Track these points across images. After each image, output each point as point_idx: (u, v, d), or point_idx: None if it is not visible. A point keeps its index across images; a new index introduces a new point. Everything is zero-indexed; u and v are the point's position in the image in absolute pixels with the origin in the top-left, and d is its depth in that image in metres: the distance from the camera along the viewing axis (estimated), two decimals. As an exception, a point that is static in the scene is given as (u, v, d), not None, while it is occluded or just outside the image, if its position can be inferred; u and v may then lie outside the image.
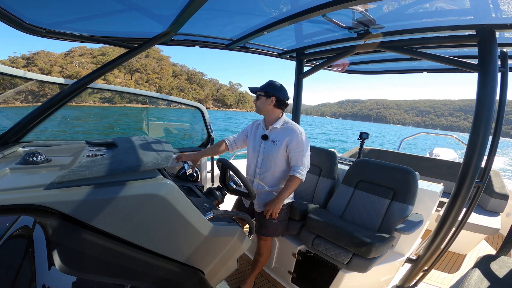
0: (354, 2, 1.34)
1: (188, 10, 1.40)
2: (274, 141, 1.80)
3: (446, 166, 3.67)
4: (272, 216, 1.80)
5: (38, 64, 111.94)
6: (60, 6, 1.42)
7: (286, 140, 1.77)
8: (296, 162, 1.77)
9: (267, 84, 1.81)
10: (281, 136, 1.79)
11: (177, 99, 2.41)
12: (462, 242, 2.80)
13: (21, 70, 1.55)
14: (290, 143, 1.76)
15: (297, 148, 1.76)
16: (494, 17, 1.49)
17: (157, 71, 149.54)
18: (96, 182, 0.86)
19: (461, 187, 1.66)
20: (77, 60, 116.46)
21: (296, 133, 1.77)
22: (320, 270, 1.99)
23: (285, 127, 1.83)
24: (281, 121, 1.84)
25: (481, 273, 1.40)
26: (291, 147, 1.76)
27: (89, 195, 0.83)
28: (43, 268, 0.68)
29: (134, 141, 1.44)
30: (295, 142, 1.75)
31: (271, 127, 1.84)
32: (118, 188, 0.87)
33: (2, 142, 1.47)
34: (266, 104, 1.79)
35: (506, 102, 1.80)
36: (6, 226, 0.70)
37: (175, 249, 1.06)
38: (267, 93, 1.78)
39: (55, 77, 1.71)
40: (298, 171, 1.75)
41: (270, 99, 1.78)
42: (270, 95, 1.78)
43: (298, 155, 1.76)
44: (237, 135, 2.07)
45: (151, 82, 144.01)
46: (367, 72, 3.51)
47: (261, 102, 1.80)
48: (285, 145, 1.78)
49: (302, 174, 1.76)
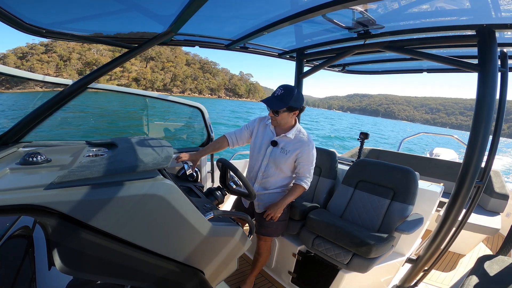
0: (354, 2, 1.34)
1: (188, 10, 1.40)
2: (284, 150, 1.75)
3: (446, 166, 3.67)
4: (272, 218, 1.81)
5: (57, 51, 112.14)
6: (60, 6, 1.42)
7: (297, 152, 1.74)
8: (304, 173, 1.77)
9: (288, 96, 1.60)
10: (292, 147, 1.74)
11: (177, 99, 2.41)
12: (462, 242, 2.80)
13: (21, 70, 1.54)
14: (300, 156, 1.74)
15: (307, 161, 1.75)
16: (494, 17, 1.49)
17: (172, 59, 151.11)
18: (96, 182, 0.86)
19: (461, 187, 1.66)
20: (94, 47, 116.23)
21: (308, 147, 1.73)
22: (320, 270, 1.99)
23: (297, 138, 1.76)
24: (295, 130, 1.76)
25: (481, 273, 1.40)
26: (301, 159, 1.75)
27: (89, 195, 0.83)
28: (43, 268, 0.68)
29: (134, 141, 1.44)
30: (306, 156, 1.74)
31: (283, 135, 1.76)
32: (118, 188, 0.87)
33: (2, 142, 1.47)
34: (288, 118, 1.69)
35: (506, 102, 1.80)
36: (6, 226, 0.70)
37: (175, 249, 1.05)
38: (291, 108, 1.63)
39: (55, 77, 1.71)
40: (304, 181, 1.77)
41: (293, 112, 1.67)
42: (294, 109, 1.65)
43: (306, 167, 1.76)
44: (240, 130, 1.95)
45: (166, 70, 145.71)
46: (367, 72, 3.51)
47: (282, 118, 1.66)
48: (294, 156, 1.75)
49: (308, 184, 1.79)
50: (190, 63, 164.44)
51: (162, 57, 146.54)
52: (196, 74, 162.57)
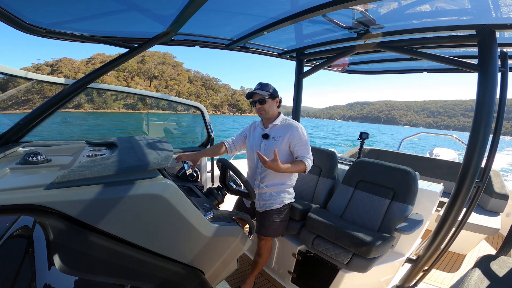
0: (354, 2, 1.34)
1: (188, 10, 1.41)
2: (276, 138, 1.81)
3: (446, 166, 3.67)
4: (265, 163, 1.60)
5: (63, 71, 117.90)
6: (60, 6, 1.42)
7: (287, 135, 1.77)
8: (302, 153, 1.76)
9: (266, 86, 1.81)
10: (282, 132, 1.81)
11: (177, 99, 2.42)
12: (462, 242, 2.81)
13: (21, 70, 1.55)
14: (292, 138, 1.77)
15: (300, 141, 1.77)
16: (494, 17, 1.49)
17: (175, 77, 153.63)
18: (96, 182, 0.86)
19: (461, 187, 1.66)
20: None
21: (296, 128, 1.79)
22: (320, 270, 1.99)
23: (285, 123, 1.86)
24: (280, 118, 1.87)
25: (481, 273, 1.40)
26: (294, 142, 1.77)
27: (89, 195, 0.83)
28: (43, 268, 0.68)
29: (134, 141, 1.44)
30: (297, 137, 1.77)
31: (271, 125, 1.86)
32: (118, 188, 0.87)
33: (2, 142, 1.47)
34: (273, 106, 1.83)
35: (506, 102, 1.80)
36: (6, 226, 0.70)
37: (175, 249, 1.05)
38: (272, 95, 1.81)
39: (54, 77, 1.71)
40: (306, 159, 1.73)
41: (275, 100, 1.83)
42: (275, 97, 1.83)
43: (303, 148, 1.77)
44: (236, 138, 2.06)
45: (170, 88, 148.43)
46: (367, 72, 3.51)
47: (269, 105, 1.81)
48: (287, 141, 1.78)
49: (309, 163, 1.74)
50: (192, 80, 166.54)
51: (165, 75, 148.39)
52: (199, 91, 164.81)
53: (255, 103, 1.81)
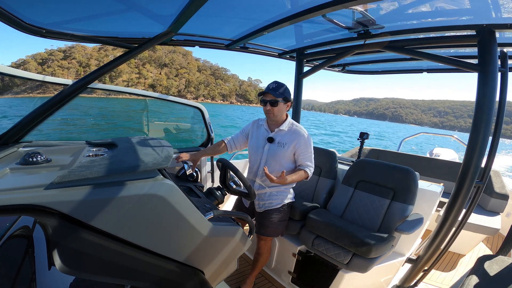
0: (354, 2, 1.34)
1: (188, 10, 1.41)
2: (281, 144, 1.77)
3: (446, 166, 3.67)
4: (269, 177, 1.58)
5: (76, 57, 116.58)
6: (60, 6, 1.42)
7: (294, 143, 1.75)
8: (306, 162, 1.78)
9: (282, 87, 1.71)
10: (288, 139, 1.77)
11: (177, 99, 2.41)
12: (462, 242, 2.80)
13: (21, 70, 1.54)
14: (298, 147, 1.75)
15: (305, 151, 1.77)
16: (494, 17, 1.49)
17: (185, 66, 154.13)
18: (96, 182, 0.86)
19: (461, 187, 1.66)
20: (111, 54, 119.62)
21: (303, 136, 1.76)
22: (320, 270, 1.99)
23: (292, 129, 1.80)
24: (287, 123, 1.81)
25: (481, 273, 1.40)
26: (299, 150, 1.76)
27: (89, 195, 0.83)
28: (43, 268, 0.68)
29: (134, 141, 1.44)
30: (303, 146, 1.75)
31: (277, 129, 1.80)
32: (118, 188, 0.87)
33: (2, 142, 1.47)
34: (284, 110, 1.76)
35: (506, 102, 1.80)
36: (6, 226, 0.70)
37: (175, 249, 1.05)
38: (286, 99, 1.72)
39: (55, 77, 1.71)
40: (308, 168, 1.76)
41: (287, 104, 1.75)
42: (288, 100, 1.74)
43: (307, 156, 1.78)
44: (237, 135, 2.00)
45: (180, 77, 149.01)
46: (367, 72, 3.51)
47: (279, 109, 1.72)
48: (292, 148, 1.77)
49: (310, 171, 1.78)
50: (202, 69, 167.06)
51: (175, 63, 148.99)
52: (208, 81, 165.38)
53: (266, 102, 1.72)
